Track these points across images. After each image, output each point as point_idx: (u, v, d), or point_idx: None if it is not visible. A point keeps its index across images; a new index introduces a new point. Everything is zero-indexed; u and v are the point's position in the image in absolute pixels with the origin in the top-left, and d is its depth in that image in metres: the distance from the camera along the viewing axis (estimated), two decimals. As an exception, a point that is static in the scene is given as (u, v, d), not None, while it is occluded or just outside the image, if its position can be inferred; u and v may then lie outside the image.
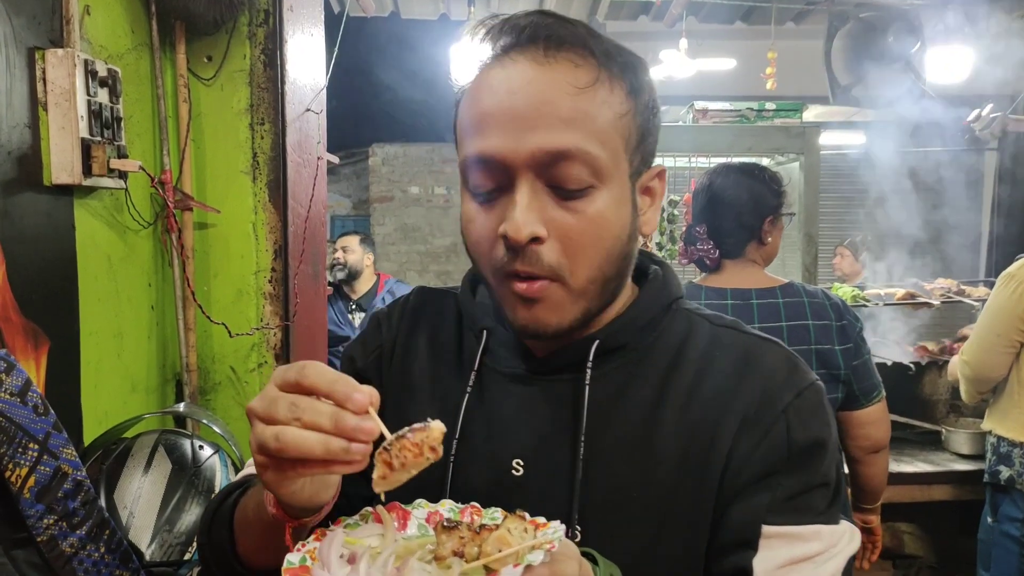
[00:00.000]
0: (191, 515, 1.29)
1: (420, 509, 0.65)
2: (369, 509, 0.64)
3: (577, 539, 0.67)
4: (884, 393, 1.81)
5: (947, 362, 2.79)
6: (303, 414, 0.54)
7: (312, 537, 0.60)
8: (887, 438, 1.87)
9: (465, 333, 0.79)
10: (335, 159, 2.21)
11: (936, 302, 2.93)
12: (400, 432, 0.56)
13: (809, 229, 2.67)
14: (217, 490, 1.35)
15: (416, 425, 0.56)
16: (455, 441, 0.73)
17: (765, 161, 2.74)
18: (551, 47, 0.65)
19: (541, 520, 0.58)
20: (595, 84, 0.65)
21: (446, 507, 0.65)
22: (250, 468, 0.80)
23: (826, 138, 3.66)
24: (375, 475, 0.55)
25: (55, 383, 1.41)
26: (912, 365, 2.83)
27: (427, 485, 0.69)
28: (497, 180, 0.66)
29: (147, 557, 1.23)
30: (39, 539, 1.02)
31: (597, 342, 0.71)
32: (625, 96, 0.67)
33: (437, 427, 0.56)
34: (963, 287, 3.03)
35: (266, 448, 0.54)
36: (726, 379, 0.71)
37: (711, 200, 1.80)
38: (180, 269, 1.80)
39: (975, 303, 2.89)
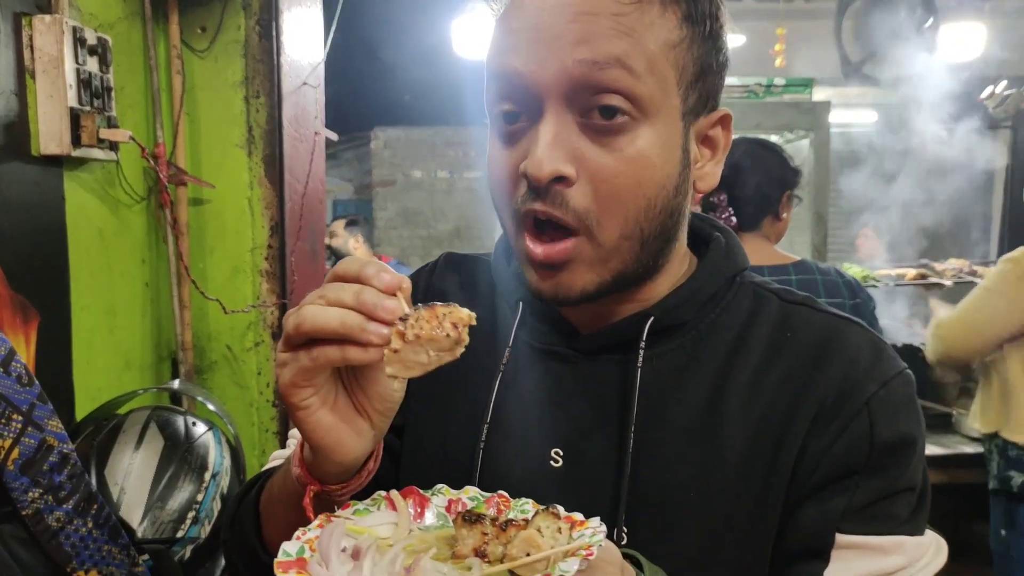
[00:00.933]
0: (184, 492, 1.26)
1: (440, 496, 0.58)
2: (382, 493, 0.57)
3: (624, 542, 0.60)
4: None
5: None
6: (327, 292, 0.51)
7: (316, 524, 0.53)
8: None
9: (498, 304, 0.70)
10: (333, 135, 2.16)
11: (948, 282, 2.88)
12: (420, 304, 0.50)
13: (819, 208, 2.63)
14: (211, 468, 1.32)
15: (439, 303, 0.51)
16: (486, 426, 0.65)
17: (774, 138, 2.69)
18: None
19: (578, 517, 0.50)
20: (643, 1, 0.57)
21: (469, 495, 0.58)
22: (273, 462, 0.76)
23: (836, 116, 3.60)
24: (387, 350, 0.49)
25: (46, 358, 1.37)
26: (922, 346, 2.79)
27: (454, 473, 0.63)
28: (521, 106, 0.59)
29: (139, 534, 1.20)
30: (24, 512, 0.99)
31: (652, 319, 0.63)
32: (679, 22, 0.58)
33: (465, 310, 0.50)
34: (975, 267, 2.98)
35: (287, 334, 0.51)
36: (800, 364, 0.62)
37: (732, 168, 1.77)
38: (174, 245, 1.76)
39: (987, 283, 2.83)
